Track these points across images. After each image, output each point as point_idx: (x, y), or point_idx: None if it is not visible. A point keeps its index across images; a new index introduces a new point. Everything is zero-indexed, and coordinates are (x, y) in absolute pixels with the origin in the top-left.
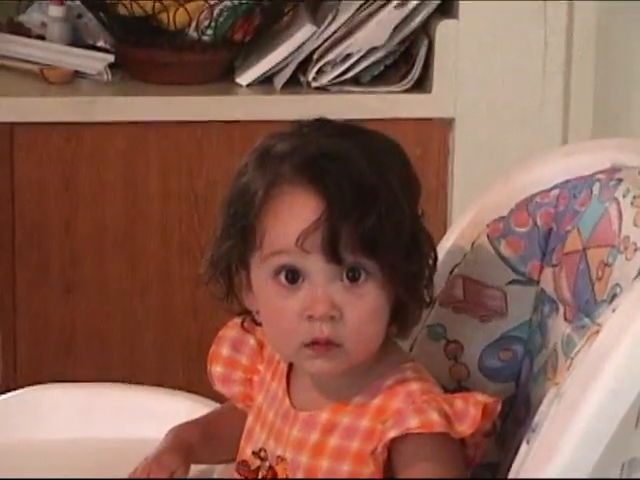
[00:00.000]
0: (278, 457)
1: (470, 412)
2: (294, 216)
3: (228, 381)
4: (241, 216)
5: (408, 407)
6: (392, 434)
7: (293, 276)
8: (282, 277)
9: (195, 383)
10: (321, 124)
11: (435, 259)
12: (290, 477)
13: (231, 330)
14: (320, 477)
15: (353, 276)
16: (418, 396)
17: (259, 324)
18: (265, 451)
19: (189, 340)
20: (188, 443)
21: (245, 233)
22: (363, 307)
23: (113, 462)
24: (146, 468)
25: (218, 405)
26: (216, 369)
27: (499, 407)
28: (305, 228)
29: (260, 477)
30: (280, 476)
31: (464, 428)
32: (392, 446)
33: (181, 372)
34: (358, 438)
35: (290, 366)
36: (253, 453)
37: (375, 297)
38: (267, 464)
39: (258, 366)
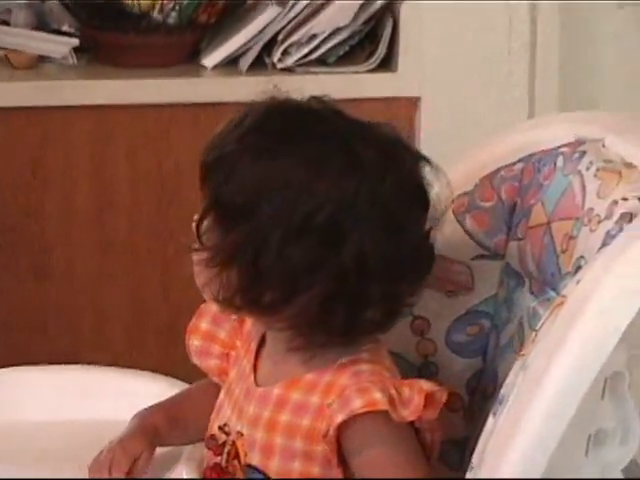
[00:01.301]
0: (238, 432)
1: (414, 399)
2: None
3: (205, 354)
4: None
5: (352, 386)
6: (340, 418)
7: None
8: None
9: (167, 366)
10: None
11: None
12: (247, 452)
13: (213, 305)
14: (276, 453)
15: None
16: (365, 376)
17: None
18: (228, 426)
19: (159, 323)
20: (153, 427)
21: None
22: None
23: (86, 443)
24: (110, 452)
25: (188, 386)
26: (194, 342)
27: (445, 396)
28: None
29: (225, 452)
30: (240, 452)
31: (407, 414)
32: (341, 428)
33: (153, 355)
34: (308, 415)
35: (260, 343)
36: (219, 428)
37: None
38: (231, 439)
39: (236, 342)
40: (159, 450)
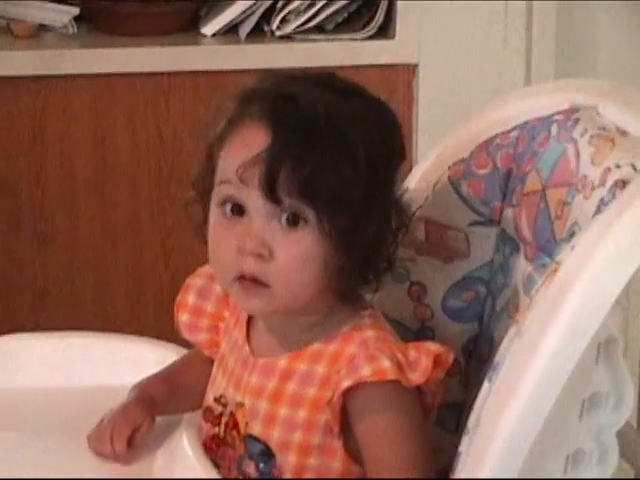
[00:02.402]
0: (237, 403)
1: (422, 361)
2: (242, 148)
3: (195, 329)
4: (210, 145)
5: (361, 354)
6: (346, 384)
7: (238, 209)
8: (227, 208)
9: (167, 332)
10: (326, 78)
11: (403, 231)
12: (249, 423)
13: (198, 278)
14: (278, 423)
15: (292, 220)
16: (372, 343)
17: None
18: (225, 397)
19: (161, 289)
20: (152, 397)
21: (208, 161)
22: (294, 252)
23: (86, 409)
24: (111, 421)
25: (186, 353)
26: (182, 317)
27: (452, 357)
28: (246, 160)
29: (223, 423)
30: (240, 422)
31: (416, 377)
32: (347, 395)
33: (153, 321)
34: (314, 385)
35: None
36: (215, 400)
37: (309, 246)
38: (228, 410)
39: (224, 313)
40: (158, 417)
